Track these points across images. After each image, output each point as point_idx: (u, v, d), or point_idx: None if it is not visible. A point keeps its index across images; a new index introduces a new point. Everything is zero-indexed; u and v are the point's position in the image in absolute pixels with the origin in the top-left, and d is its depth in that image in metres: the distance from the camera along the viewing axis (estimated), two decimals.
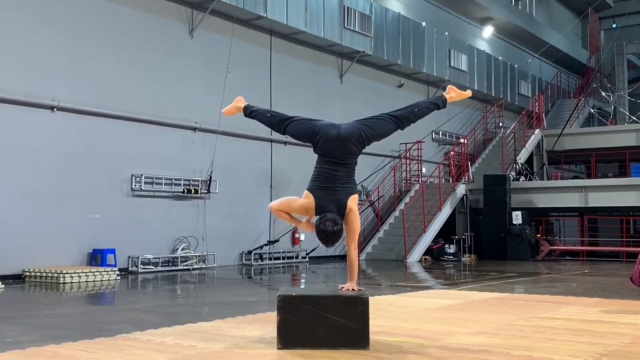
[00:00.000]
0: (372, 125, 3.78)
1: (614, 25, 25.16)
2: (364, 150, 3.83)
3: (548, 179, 16.47)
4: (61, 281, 8.04)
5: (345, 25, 13.41)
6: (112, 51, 9.80)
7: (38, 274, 8.36)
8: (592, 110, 21.58)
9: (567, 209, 14.82)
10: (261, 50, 12.28)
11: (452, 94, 4.01)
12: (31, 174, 8.74)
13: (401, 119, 3.85)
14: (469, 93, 4.13)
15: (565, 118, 19.51)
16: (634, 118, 18.54)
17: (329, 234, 3.52)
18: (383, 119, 3.83)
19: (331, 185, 3.67)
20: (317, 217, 3.62)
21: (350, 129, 3.72)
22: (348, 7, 13.45)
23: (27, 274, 8.46)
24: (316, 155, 3.81)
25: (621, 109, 20.77)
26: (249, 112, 4.06)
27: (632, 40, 23.09)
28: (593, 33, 25.90)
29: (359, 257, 13.28)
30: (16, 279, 8.38)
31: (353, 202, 3.70)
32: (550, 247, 14.09)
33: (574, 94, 23.02)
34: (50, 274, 8.22)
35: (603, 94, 21.13)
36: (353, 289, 3.67)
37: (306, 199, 3.68)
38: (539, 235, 14.19)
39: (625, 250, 13.86)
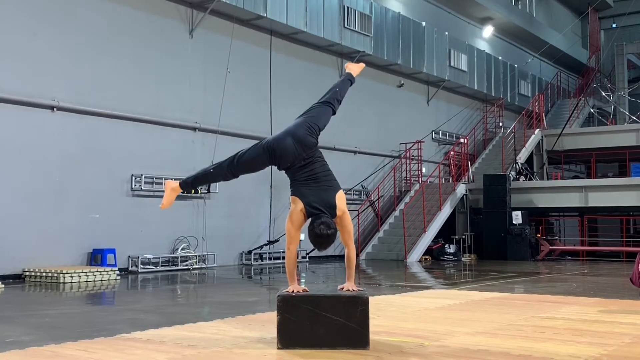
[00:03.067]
0: (315, 114, 3.85)
1: (613, 25, 25.16)
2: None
3: (548, 179, 16.46)
4: (61, 281, 8.04)
5: (345, 25, 13.40)
6: (112, 51, 9.80)
7: (38, 273, 8.36)
8: (592, 110, 21.58)
9: (567, 209, 14.82)
10: (261, 50, 12.28)
11: (352, 68, 4.23)
12: (31, 174, 8.73)
13: (332, 102, 3.96)
14: (362, 65, 4.35)
15: (565, 118, 19.50)
16: (634, 118, 18.54)
17: (322, 238, 3.49)
18: (319, 107, 3.91)
19: (314, 185, 3.64)
20: (310, 220, 3.58)
21: (300, 126, 3.75)
22: (348, 7, 13.44)
23: (27, 273, 8.46)
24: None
25: (621, 109, 20.78)
26: (190, 184, 3.97)
27: (632, 40, 23.10)
28: (593, 33, 25.90)
29: (358, 256, 13.40)
30: (16, 279, 8.38)
31: (341, 201, 3.66)
32: (550, 247, 14.09)
33: (574, 94, 23.02)
34: (50, 274, 8.22)
35: (603, 93, 21.14)
36: (352, 289, 3.67)
37: (295, 204, 3.64)
38: (539, 235, 14.19)
39: (625, 250, 13.85)
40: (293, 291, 3.61)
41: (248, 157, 3.80)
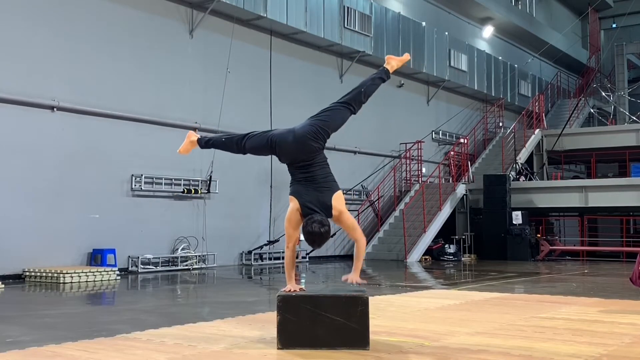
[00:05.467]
0: (327, 117, 3.77)
1: (613, 25, 25.19)
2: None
3: (548, 179, 16.45)
4: (61, 281, 8.03)
5: (345, 25, 13.40)
6: (112, 51, 9.79)
7: (38, 273, 8.35)
8: (592, 110, 21.59)
9: (567, 209, 14.81)
10: (261, 50, 12.27)
11: (392, 63, 3.98)
12: (31, 174, 8.72)
13: (352, 103, 3.84)
14: (406, 56, 4.08)
15: (565, 118, 19.50)
16: (634, 118, 18.56)
17: (315, 236, 3.49)
18: (335, 108, 3.82)
19: (311, 186, 3.64)
20: (305, 219, 3.59)
21: (304, 128, 3.70)
22: (348, 7, 13.44)
23: (27, 273, 8.44)
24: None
25: (621, 109, 20.78)
26: (204, 143, 4.06)
27: (632, 40, 23.13)
28: (593, 33, 25.92)
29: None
30: (16, 279, 8.37)
31: (338, 201, 3.64)
32: (550, 247, 14.08)
33: (574, 94, 23.03)
34: (50, 274, 8.21)
35: (603, 93, 21.14)
36: (356, 282, 3.66)
37: (292, 202, 3.66)
38: (539, 235, 14.18)
39: (625, 250, 13.85)
40: (290, 290, 3.62)
41: (254, 142, 3.84)
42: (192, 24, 11.04)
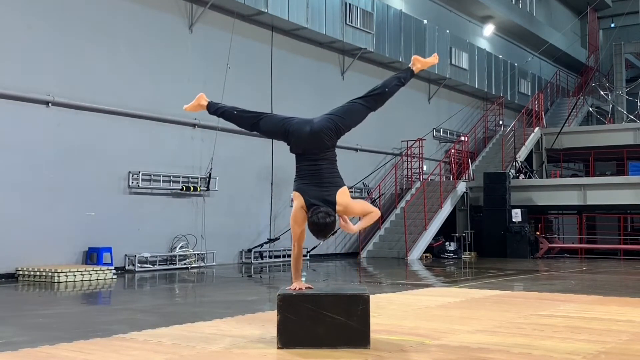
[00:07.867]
0: (344, 114, 3.70)
1: (612, 25, 25.21)
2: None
3: (547, 177, 16.48)
4: (56, 280, 7.91)
5: (347, 22, 13.35)
6: (109, 45, 9.70)
7: (32, 272, 8.21)
8: (590, 109, 21.62)
9: (566, 207, 14.82)
10: (262, 46, 12.20)
11: (417, 64, 3.90)
12: (25, 171, 8.60)
13: (373, 102, 3.77)
14: (434, 58, 3.99)
15: (564, 116, 19.53)
16: (632, 117, 18.59)
17: (321, 226, 3.46)
18: (354, 106, 3.75)
19: (316, 181, 3.59)
20: (310, 210, 3.55)
21: (322, 122, 3.64)
22: (350, 4, 13.40)
23: (21, 272, 8.30)
24: None
25: (619, 108, 20.80)
26: (214, 109, 3.95)
27: (630, 40, 23.18)
28: (592, 32, 25.95)
29: (362, 251, 13.30)
30: (9, 278, 8.25)
31: (342, 197, 3.59)
32: (549, 245, 14.09)
33: (572, 93, 23.04)
34: (44, 273, 8.09)
35: (601, 92, 21.15)
36: (348, 230, 3.64)
37: (297, 200, 3.61)
38: (538, 233, 14.18)
39: (622, 248, 13.87)
40: (295, 288, 3.58)
41: (269, 124, 3.76)
42: (192, 19, 10.96)
